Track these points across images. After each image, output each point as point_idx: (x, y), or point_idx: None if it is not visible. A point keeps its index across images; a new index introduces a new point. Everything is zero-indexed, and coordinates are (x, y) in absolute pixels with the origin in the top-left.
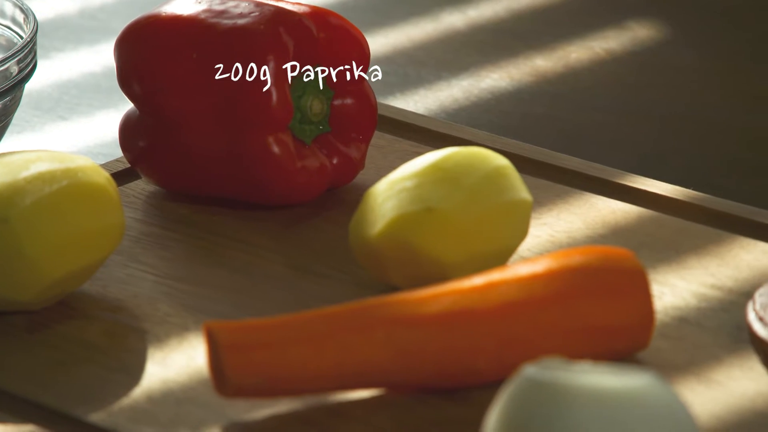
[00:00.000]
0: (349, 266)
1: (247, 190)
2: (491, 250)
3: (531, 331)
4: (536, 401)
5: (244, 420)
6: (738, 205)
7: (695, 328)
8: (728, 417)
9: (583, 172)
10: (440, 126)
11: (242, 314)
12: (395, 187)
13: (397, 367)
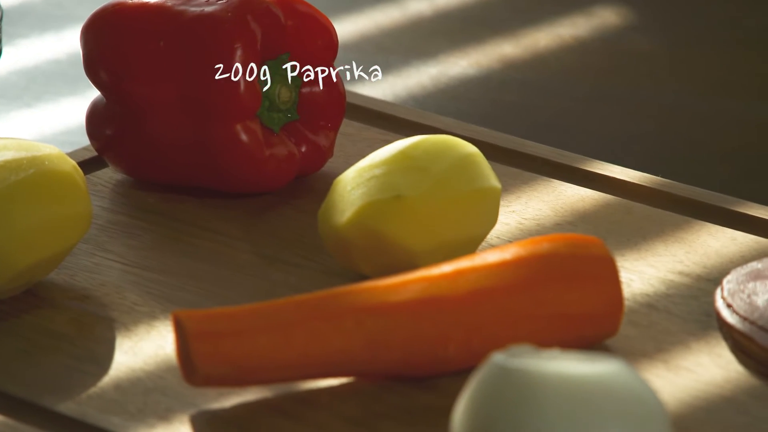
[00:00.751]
0: (317, 254)
1: (215, 179)
2: (460, 237)
3: (500, 319)
4: (505, 388)
5: (213, 409)
6: (707, 192)
7: (664, 315)
8: (697, 403)
9: (551, 159)
10: (409, 114)
11: (210, 303)
12: (364, 175)
13: (366, 355)
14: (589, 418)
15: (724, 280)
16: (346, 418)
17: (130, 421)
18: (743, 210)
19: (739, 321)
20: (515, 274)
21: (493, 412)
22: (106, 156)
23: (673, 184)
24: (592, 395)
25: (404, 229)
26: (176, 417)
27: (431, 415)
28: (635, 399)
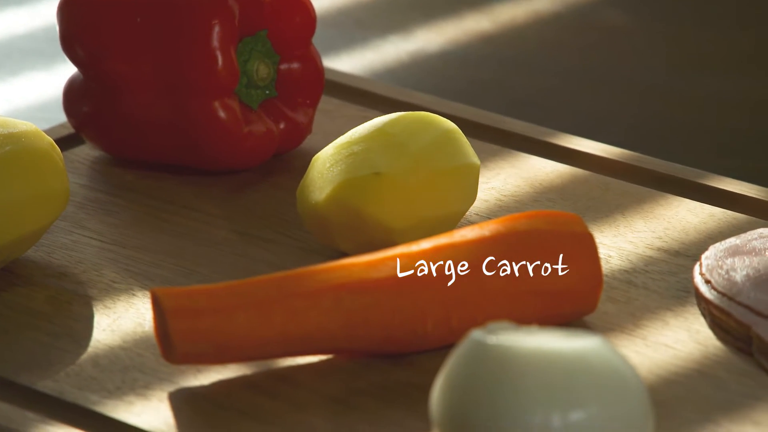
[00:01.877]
0: (296, 232)
1: (193, 156)
2: (439, 214)
3: (479, 296)
4: (484, 365)
5: (192, 386)
6: (685, 168)
7: (642, 291)
8: (675, 379)
9: (530, 135)
10: (387, 90)
11: (188, 280)
12: (342, 152)
13: (344, 332)
14: (568, 394)
15: (703, 256)
16: (324, 395)
17: (108, 399)
18: (721, 186)
19: (718, 297)
20: (494, 251)
21: (472, 388)
22: (83, 133)
23: (651, 160)
24: (570, 371)
25: (383, 206)
26: (154, 394)
27: (410, 392)
28: (614, 375)
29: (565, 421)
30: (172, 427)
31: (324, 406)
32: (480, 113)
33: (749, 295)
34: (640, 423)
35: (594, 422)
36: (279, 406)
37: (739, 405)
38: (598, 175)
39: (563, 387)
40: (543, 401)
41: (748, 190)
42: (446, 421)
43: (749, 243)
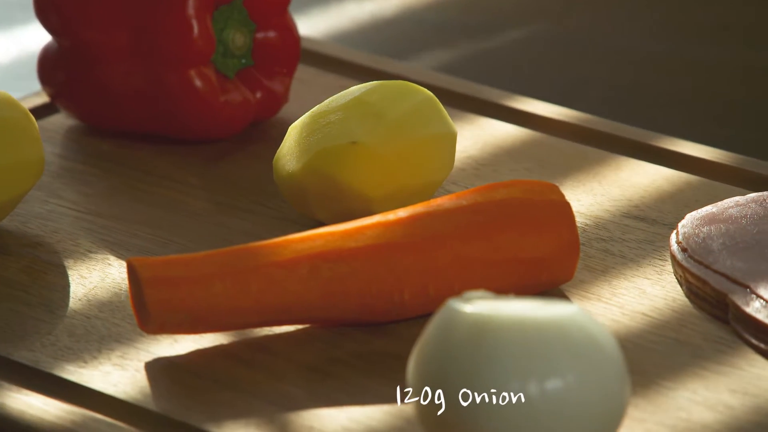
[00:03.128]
0: (273, 201)
1: (170, 125)
2: (416, 183)
3: (456, 265)
4: (461, 334)
5: (168, 356)
6: (662, 136)
7: (619, 260)
8: (652, 347)
9: (507, 104)
10: (364, 59)
11: (165, 250)
12: (319, 121)
13: (321, 301)
14: (545, 363)
15: (680, 225)
16: (302, 364)
17: (84, 369)
18: (698, 154)
19: (694, 265)
20: (471, 219)
21: (449, 357)
22: (58, 102)
23: (628, 128)
24: (547, 340)
25: (360, 175)
26: (131, 364)
27: (387, 361)
28: (591, 343)
29: (542, 390)
30: (148, 397)
31: (301, 375)
32: (457, 82)
33: (726, 263)
34: (616, 391)
35: (571, 390)
36: (256, 376)
37: (716, 373)
38: (575, 143)
39: (540, 355)
40: (520, 370)
41: (725, 157)
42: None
43: (726, 211)
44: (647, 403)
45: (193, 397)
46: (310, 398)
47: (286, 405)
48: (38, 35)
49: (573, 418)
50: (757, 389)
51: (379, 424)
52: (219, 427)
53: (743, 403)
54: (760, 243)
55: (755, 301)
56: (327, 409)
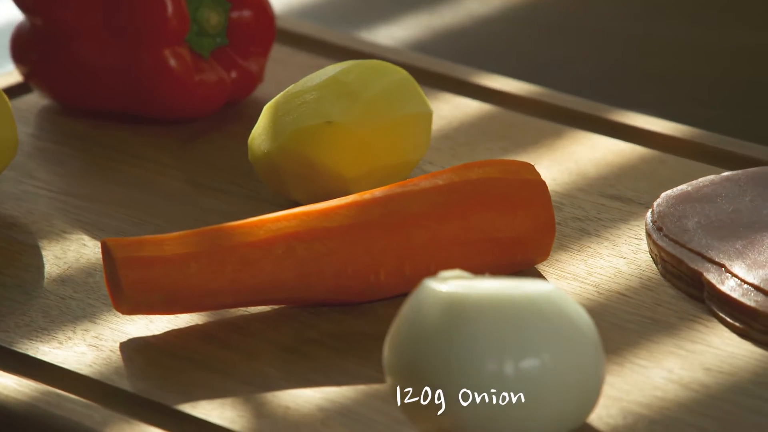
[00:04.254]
0: (248, 181)
1: (144, 105)
2: (392, 163)
3: (432, 244)
4: (437, 313)
5: (143, 336)
6: (637, 115)
7: (594, 239)
8: (627, 326)
9: (483, 84)
10: (340, 38)
11: (140, 230)
12: (295, 101)
13: (297, 281)
14: (521, 342)
15: (655, 204)
16: (278, 344)
17: (59, 350)
18: (673, 133)
19: (669, 244)
20: (447, 199)
21: (425, 337)
22: (32, 81)
23: (603, 107)
24: (523, 319)
25: (336, 155)
26: (106, 344)
27: (363, 341)
28: (566, 322)
29: (518, 369)
30: (123, 377)
31: (276, 355)
32: (433, 61)
33: (701, 241)
34: (592, 370)
35: (546, 369)
36: (231, 356)
37: (691, 351)
38: (551, 122)
39: (516, 335)
40: (496, 349)
41: (700, 136)
42: (399, 369)
43: (701, 190)
44: (623, 381)
45: (168, 378)
46: (285, 378)
47: (261, 385)
48: (11, 14)
49: (549, 397)
50: (731, 368)
51: (355, 404)
52: (194, 407)
53: (718, 382)
54: (734, 222)
55: (730, 280)
56: (302, 389)
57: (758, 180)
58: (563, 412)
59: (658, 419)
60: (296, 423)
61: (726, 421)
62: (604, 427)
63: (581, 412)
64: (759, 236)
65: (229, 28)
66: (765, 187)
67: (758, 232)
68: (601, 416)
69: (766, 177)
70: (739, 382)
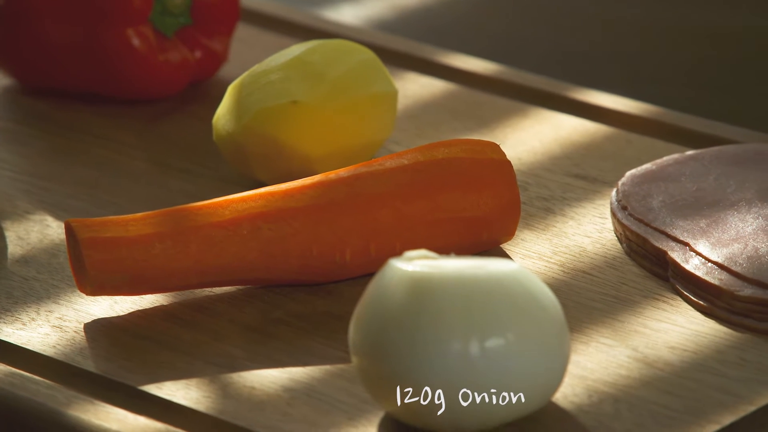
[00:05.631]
0: (213, 161)
1: (108, 85)
2: (357, 143)
3: (397, 224)
4: (402, 293)
5: (108, 317)
6: (602, 94)
7: (560, 218)
8: (592, 305)
9: (448, 63)
10: (305, 18)
11: (104, 211)
12: (260, 81)
13: (262, 262)
14: (486, 321)
15: (619, 183)
16: (242, 325)
17: (22, 331)
18: (638, 112)
19: (634, 223)
20: (413, 179)
21: (391, 317)
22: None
23: (568, 87)
24: (489, 298)
25: (301, 135)
26: (70, 326)
27: (329, 321)
28: (531, 301)
29: (483, 348)
30: (88, 358)
31: (242, 335)
32: (398, 41)
33: (665, 220)
34: (557, 348)
35: (512, 348)
36: (196, 336)
37: (656, 330)
38: (517, 102)
39: (481, 314)
40: (461, 329)
41: (664, 115)
42: (365, 349)
43: (665, 169)
44: (588, 360)
45: (133, 358)
46: (251, 359)
47: (227, 365)
48: None
49: (514, 376)
50: (696, 346)
51: (321, 384)
52: (159, 387)
53: (682, 360)
54: (699, 200)
55: (694, 258)
56: (268, 369)
57: (722, 159)
58: (529, 391)
59: (622, 398)
60: (261, 403)
61: (690, 398)
62: (569, 406)
63: (546, 390)
64: (723, 215)
65: (193, 8)
66: (729, 165)
67: (722, 211)
68: (566, 395)
69: (730, 156)
70: (703, 360)
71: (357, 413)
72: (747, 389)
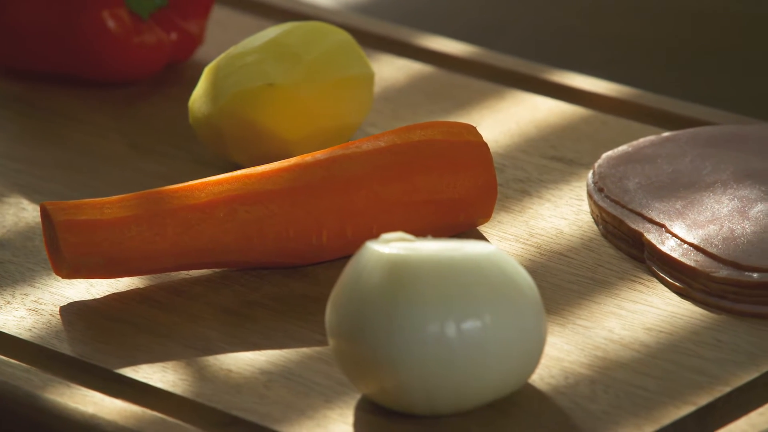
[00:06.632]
0: (189, 144)
1: (83, 67)
2: (334, 125)
3: (374, 206)
4: (379, 275)
5: (84, 300)
6: (578, 76)
7: (536, 200)
8: (568, 287)
9: (424, 45)
10: (281, 0)
11: (80, 194)
12: (236, 63)
13: (238, 244)
14: (463, 303)
15: (596, 165)
16: (219, 307)
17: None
18: (614, 94)
19: (611, 204)
20: (389, 161)
21: (367, 299)
22: None
23: (545, 68)
24: (465, 280)
25: (277, 118)
26: (46, 309)
27: (305, 304)
28: (508, 283)
29: (460, 330)
30: (64, 341)
31: (218, 318)
32: (375, 23)
33: (641, 202)
34: (533, 330)
35: (488, 330)
36: (173, 319)
37: (632, 311)
38: (493, 84)
39: (458, 296)
40: (438, 311)
41: (640, 97)
42: (342, 332)
43: (641, 151)
44: (564, 342)
45: (109, 341)
46: (227, 341)
47: (203, 348)
48: None
49: (491, 358)
50: (672, 327)
51: (297, 366)
52: (135, 370)
53: (658, 341)
54: (675, 182)
55: (670, 240)
56: (245, 352)
57: (698, 140)
58: (505, 373)
59: (599, 379)
60: (238, 386)
61: (666, 380)
62: (546, 388)
63: (523, 372)
64: (699, 196)
65: None
66: (705, 147)
67: (698, 192)
68: (542, 376)
69: (705, 137)
70: (679, 342)
71: (334, 395)
72: (722, 370)
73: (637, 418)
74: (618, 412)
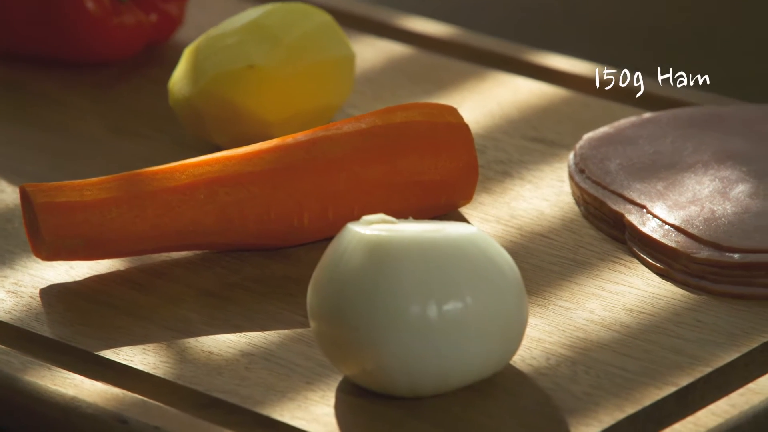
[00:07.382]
0: (169, 126)
1: (62, 48)
2: (314, 107)
3: (355, 188)
4: (360, 257)
5: (64, 282)
6: (559, 57)
7: (518, 182)
8: (550, 268)
9: (405, 26)
10: None
11: (60, 176)
12: (216, 45)
13: (219, 226)
14: (444, 285)
15: (577, 146)
16: (200, 289)
17: None
18: (594, 75)
19: (592, 186)
20: (370, 143)
21: (349, 281)
22: None
23: (526, 49)
24: (447, 261)
25: (257, 99)
26: (26, 291)
27: (286, 285)
28: (489, 265)
29: (441, 311)
30: (44, 323)
31: (199, 300)
32: (354, 4)
33: (622, 183)
34: (515, 312)
35: (470, 311)
36: (153, 301)
37: (613, 293)
38: (474, 65)
39: (439, 277)
40: (419, 292)
41: (621, 78)
42: (323, 313)
43: (622, 132)
44: (545, 323)
45: (90, 323)
46: (208, 323)
47: (184, 330)
48: None
49: (472, 339)
50: (653, 308)
51: (279, 348)
52: (116, 353)
53: (639, 322)
54: (656, 163)
55: (651, 221)
56: (225, 334)
57: (679, 121)
58: (487, 354)
59: (580, 360)
60: (219, 368)
61: (647, 360)
62: (527, 369)
63: (504, 353)
64: (680, 177)
65: None
66: (685, 128)
67: (679, 173)
68: (524, 358)
69: (687, 118)
70: (660, 323)
71: (315, 377)
72: (703, 351)
73: (618, 398)
74: (599, 392)
